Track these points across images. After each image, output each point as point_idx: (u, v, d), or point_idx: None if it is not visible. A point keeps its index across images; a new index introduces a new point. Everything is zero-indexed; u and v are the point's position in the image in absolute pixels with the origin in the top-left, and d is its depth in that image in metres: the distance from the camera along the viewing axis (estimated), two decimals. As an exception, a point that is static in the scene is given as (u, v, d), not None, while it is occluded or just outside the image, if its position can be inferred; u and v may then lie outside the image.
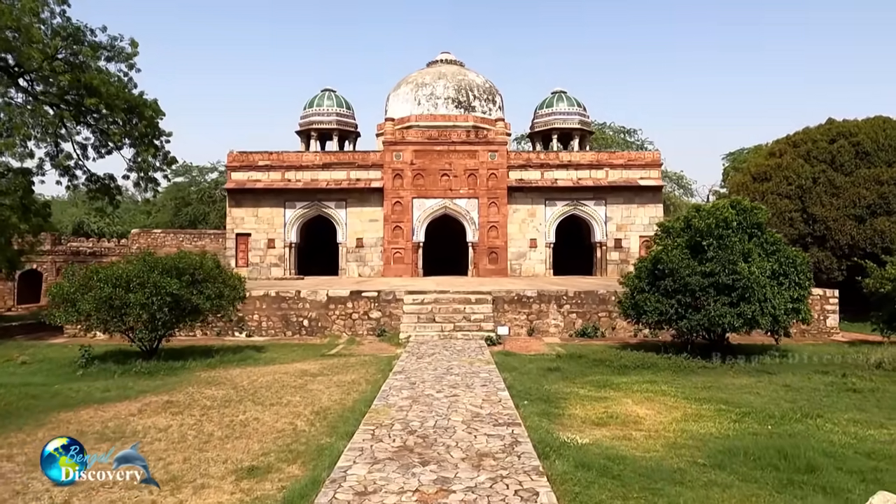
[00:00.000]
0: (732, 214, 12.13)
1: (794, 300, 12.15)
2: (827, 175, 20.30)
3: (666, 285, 12.20)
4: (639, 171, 27.96)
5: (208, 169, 38.39)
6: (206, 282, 12.42)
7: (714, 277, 11.70)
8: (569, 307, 17.20)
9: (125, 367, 11.49)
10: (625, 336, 16.87)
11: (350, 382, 10.37)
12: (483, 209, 27.32)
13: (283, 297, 17.27)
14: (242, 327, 17.01)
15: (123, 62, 18.20)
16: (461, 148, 27.55)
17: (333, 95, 31.53)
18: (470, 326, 16.04)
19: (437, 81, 30.90)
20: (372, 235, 27.59)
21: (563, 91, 31.77)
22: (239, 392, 9.73)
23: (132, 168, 19.91)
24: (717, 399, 9.16)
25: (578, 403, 8.84)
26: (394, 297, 17.11)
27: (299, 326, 17.18)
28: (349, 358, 13.25)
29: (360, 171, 27.86)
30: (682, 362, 11.89)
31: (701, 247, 12.17)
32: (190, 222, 36.37)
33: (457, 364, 11.60)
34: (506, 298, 17.24)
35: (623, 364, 11.78)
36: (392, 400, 8.48)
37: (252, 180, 27.82)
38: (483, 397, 8.69)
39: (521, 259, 27.53)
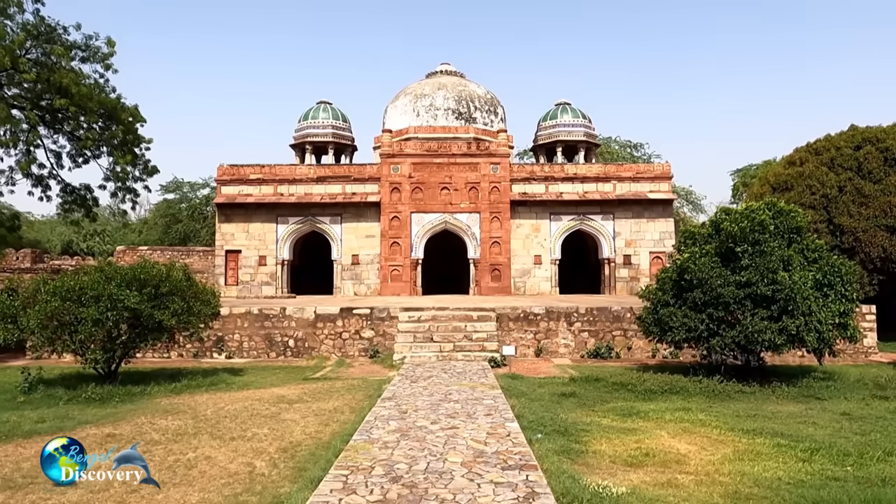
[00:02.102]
0: (769, 217, 10.66)
1: (842, 314, 10.63)
2: (854, 183, 18.88)
3: (694, 298, 10.66)
4: (648, 184, 26.59)
5: (200, 185, 37.13)
6: (173, 295, 10.92)
7: (751, 288, 10.18)
8: (580, 325, 15.66)
9: (74, 393, 9.95)
10: (642, 357, 15.33)
11: (331, 411, 8.85)
12: (485, 224, 25.89)
13: (267, 315, 15.75)
14: (221, 348, 15.49)
15: (99, 62, 16.95)
16: (462, 160, 26.21)
17: (329, 108, 30.30)
18: (471, 346, 14.50)
19: (437, 92, 29.69)
20: (368, 252, 26.15)
21: (568, 103, 30.52)
22: (198, 423, 8.21)
23: (109, 177, 18.57)
24: (768, 431, 7.62)
25: (603, 437, 7.31)
26: (388, 315, 15.60)
27: (284, 347, 15.64)
28: (335, 382, 11.72)
29: (356, 185, 26.52)
30: (714, 386, 10.34)
31: (733, 254, 10.67)
32: (180, 240, 34.94)
33: (456, 389, 10.06)
34: (511, 316, 15.73)
35: (648, 388, 10.23)
36: (376, 434, 6.93)
37: (243, 195, 26.47)
38: (488, 430, 7.16)
39: (526, 276, 26.01)
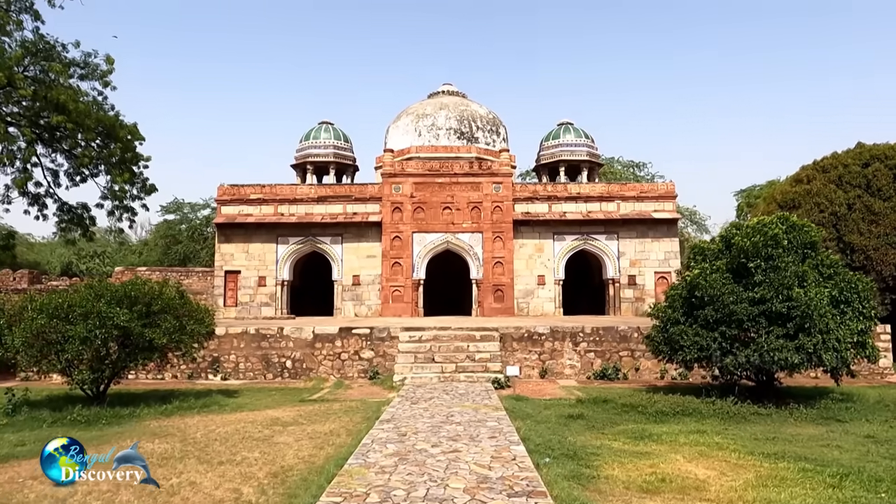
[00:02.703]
0: (782, 231, 10.29)
1: (860, 333, 10.20)
2: (863, 201, 18.57)
3: (706, 315, 10.26)
4: (652, 203, 26.29)
5: (200, 206, 36.90)
6: (165, 313, 10.54)
7: (765, 305, 9.77)
8: (586, 345, 15.22)
9: (59, 415, 9.54)
10: (650, 378, 14.85)
11: (327, 433, 8.42)
12: (487, 244, 25.55)
13: (264, 335, 15.33)
14: (217, 369, 15.06)
15: (98, 80, 16.81)
16: (464, 180, 25.97)
17: (331, 128, 30.20)
18: (474, 367, 14.05)
19: (439, 112, 29.61)
20: (369, 272, 25.77)
21: (570, 122, 30.43)
22: (186, 446, 7.79)
23: (106, 196, 18.34)
24: (791, 454, 7.17)
25: (615, 461, 6.87)
26: (388, 335, 15.18)
27: (281, 368, 15.19)
28: (332, 404, 11.28)
29: (357, 205, 26.28)
30: (729, 408, 9.88)
31: (746, 269, 10.28)
32: (180, 261, 34.64)
33: (459, 410, 9.62)
34: (514, 336, 15.30)
35: (659, 410, 9.77)
36: (373, 457, 6.51)
37: (243, 214, 26.21)
38: (492, 453, 6.73)
39: (529, 297, 25.58)
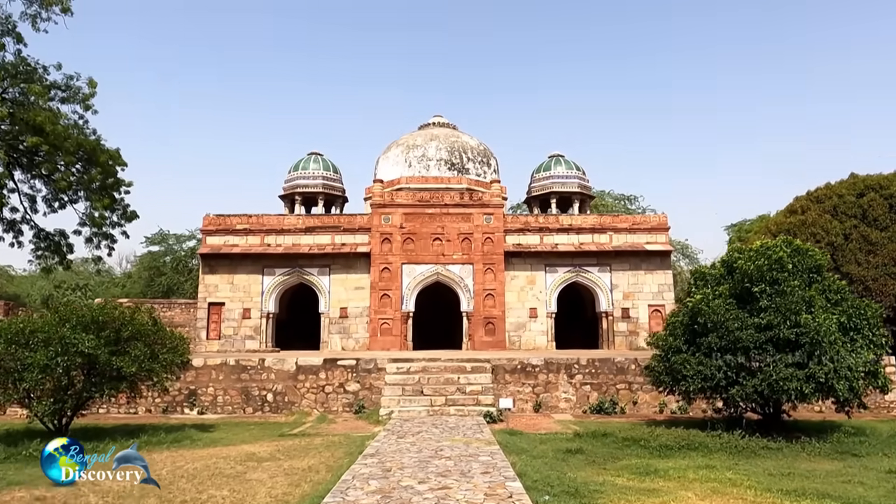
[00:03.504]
0: (787, 254, 9.87)
1: (872, 362, 9.70)
2: (860, 231, 18.32)
3: (710, 342, 9.73)
4: (645, 235, 25.96)
5: (186, 237, 36.14)
6: (135, 340, 9.87)
7: (772, 331, 9.27)
8: (581, 378, 14.59)
9: (14, 451, 8.76)
10: (649, 412, 14.21)
11: (305, 470, 7.71)
12: (478, 276, 25.01)
13: (245, 367, 14.59)
14: (194, 402, 14.25)
15: (79, 103, 16.39)
16: (454, 211, 25.58)
17: (320, 159, 29.88)
18: (465, 400, 13.36)
19: (430, 143, 29.40)
20: (357, 305, 25.08)
21: (561, 155, 30.32)
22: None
23: (85, 222, 17.72)
24: (812, 491, 6.56)
25: (621, 498, 6.23)
26: (375, 366, 14.49)
27: (262, 402, 14.41)
28: (314, 438, 10.54)
29: (345, 236, 25.75)
30: (736, 441, 9.26)
31: (750, 294, 9.81)
32: (163, 293, 33.78)
33: (449, 444, 8.94)
34: (507, 367, 14.66)
35: (663, 444, 9.13)
36: (353, 495, 5.82)
37: (228, 245, 25.58)
38: (486, 490, 6.08)
39: (521, 330, 24.93)
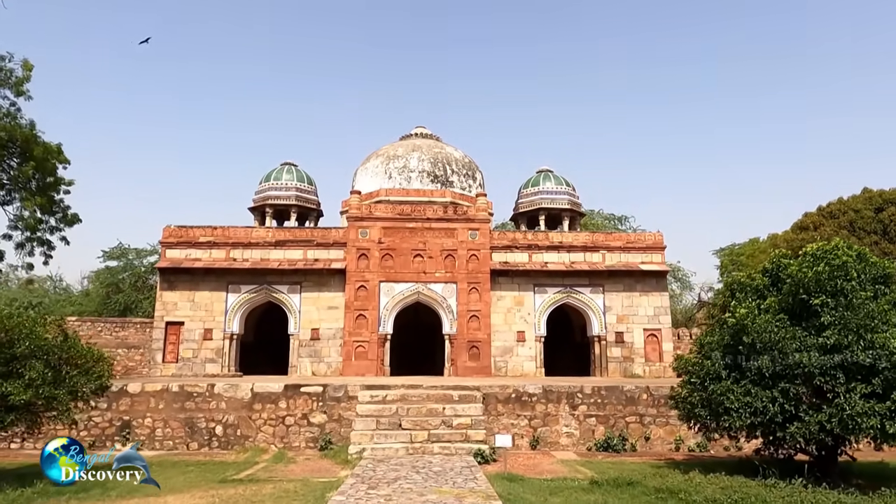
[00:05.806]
0: (852, 259, 8.14)
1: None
2: (881, 247, 16.91)
3: (760, 368, 7.88)
4: (639, 255, 24.31)
5: (147, 252, 33.64)
6: (34, 359, 7.71)
7: (841, 354, 7.46)
8: (585, 409, 12.63)
9: None
10: (663, 449, 12.29)
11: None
12: (462, 295, 23.06)
13: (190, 394, 12.37)
14: (127, 436, 11.98)
15: (10, 88, 14.31)
16: (437, 225, 23.71)
17: (294, 169, 27.85)
18: (452, 435, 11.29)
19: (412, 154, 27.63)
20: (330, 326, 22.90)
21: (550, 170, 28.71)
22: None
23: (16, 225, 15.49)
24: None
25: None
26: (345, 394, 12.37)
27: (210, 435, 12.18)
28: (263, 485, 8.41)
29: (319, 251, 23.68)
30: (802, 494, 7.29)
31: (807, 308, 8.02)
32: (120, 311, 31.22)
33: (435, 500, 6.90)
34: (500, 396, 12.64)
35: (709, 498, 7.15)
36: None
37: (190, 259, 23.31)
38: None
39: (507, 355, 22.92)
